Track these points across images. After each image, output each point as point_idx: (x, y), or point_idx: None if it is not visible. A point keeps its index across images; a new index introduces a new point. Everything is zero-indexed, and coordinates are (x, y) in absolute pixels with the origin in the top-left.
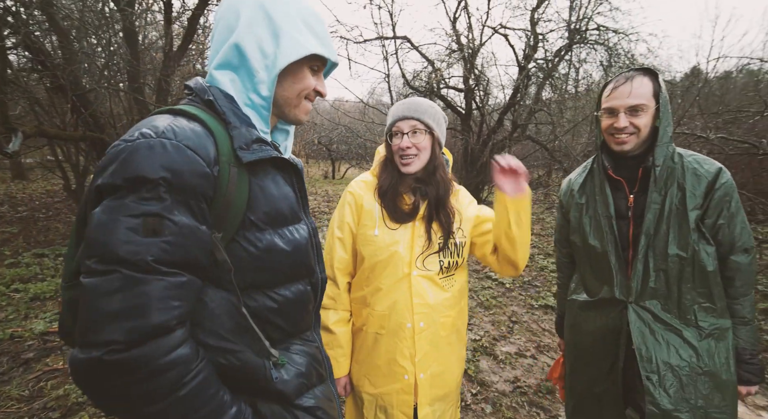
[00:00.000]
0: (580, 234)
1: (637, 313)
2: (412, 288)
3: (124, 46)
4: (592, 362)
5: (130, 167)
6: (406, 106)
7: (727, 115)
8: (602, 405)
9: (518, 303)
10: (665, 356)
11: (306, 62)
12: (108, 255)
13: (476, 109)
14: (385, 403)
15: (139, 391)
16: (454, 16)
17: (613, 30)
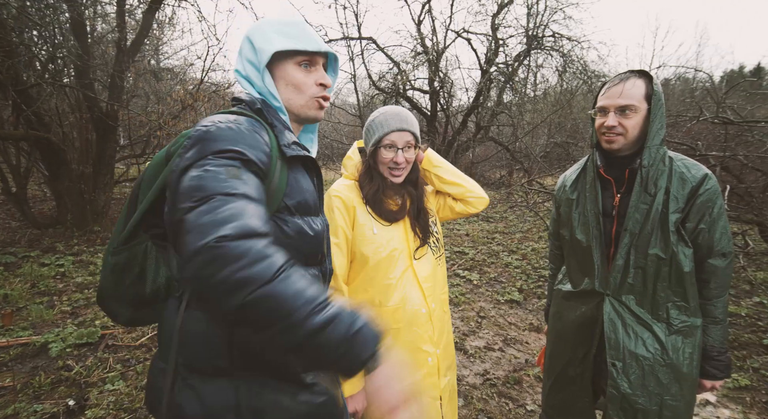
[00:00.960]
0: (568, 228)
1: (612, 305)
2: (417, 275)
3: (71, 39)
4: (570, 347)
5: (213, 144)
6: (400, 118)
7: (667, 119)
8: (575, 386)
9: (485, 299)
10: (632, 346)
11: (288, 63)
12: (204, 192)
13: (441, 110)
14: (414, 392)
15: (252, 273)
16: (418, 19)
17: (567, 37)
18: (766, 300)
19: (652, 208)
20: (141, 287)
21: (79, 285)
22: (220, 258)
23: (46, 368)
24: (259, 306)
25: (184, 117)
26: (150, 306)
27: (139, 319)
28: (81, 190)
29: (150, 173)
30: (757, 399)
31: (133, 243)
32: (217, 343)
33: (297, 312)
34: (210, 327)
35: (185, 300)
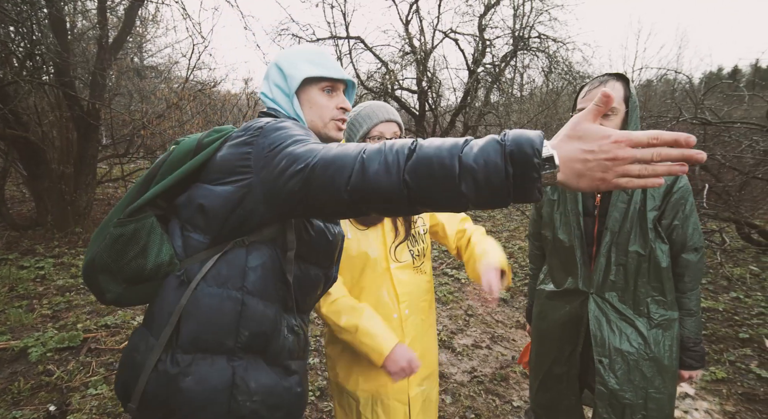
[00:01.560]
0: (550, 229)
1: (596, 303)
2: (393, 279)
3: (50, 36)
4: (555, 346)
5: (288, 131)
6: (386, 109)
7: (649, 119)
8: (562, 384)
9: (473, 297)
10: (617, 343)
11: (313, 88)
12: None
13: (429, 110)
14: (382, 396)
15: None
16: (406, 19)
17: (552, 38)
18: (742, 295)
19: (630, 206)
20: (142, 261)
21: (60, 288)
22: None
23: (25, 373)
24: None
25: (168, 116)
26: (144, 284)
27: (127, 298)
28: (62, 190)
29: (177, 157)
30: (733, 391)
31: (139, 218)
32: (227, 321)
33: (449, 158)
34: (224, 303)
35: (199, 276)
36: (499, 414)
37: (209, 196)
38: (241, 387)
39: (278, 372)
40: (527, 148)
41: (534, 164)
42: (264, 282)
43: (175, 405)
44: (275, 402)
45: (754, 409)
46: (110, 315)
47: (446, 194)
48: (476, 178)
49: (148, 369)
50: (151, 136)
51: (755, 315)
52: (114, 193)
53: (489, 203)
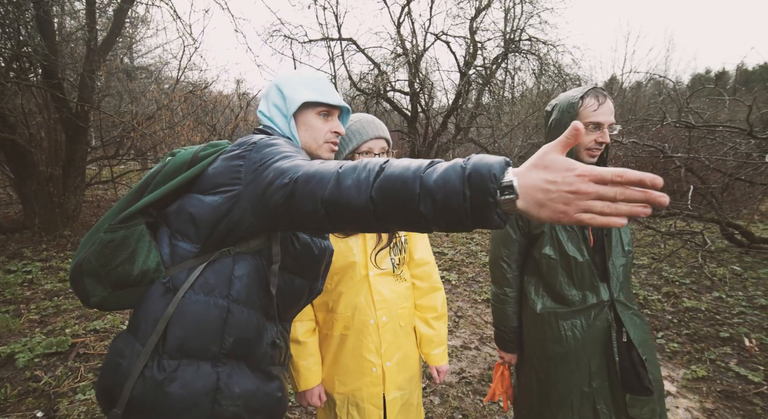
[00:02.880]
0: (555, 247)
1: (621, 308)
2: (371, 287)
3: (38, 38)
4: (581, 364)
5: (277, 148)
6: (376, 126)
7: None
8: (592, 400)
9: (463, 298)
10: (641, 336)
11: (310, 111)
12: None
13: (422, 112)
14: (357, 399)
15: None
16: (398, 21)
17: (542, 41)
18: (724, 295)
19: None
20: (129, 267)
21: (48, 293)
22: (344, 173)
23: (12, 379)
24: (384, 189)
25: (159, 117)
26: (129, 289)
27: (112, 302)
28: (50, 192)
29: (172, 168)
30: (713, 389)
31: (130, 224)
32: (213, 328)
33: (412, 178)
34: (210, 311)
35: (187, 284)
36: (486, 414)
37: (199, 206)
38: (224, 391)
39: (260, 378)
40: (485, 173)
41: (490, 189)
42: (248, 291)
43: (161, 409)
44: (256, 406)
45: (732, 406)
46: (99, 319)
47: (407, 213)
48: (435, 199)
49: (134, 375)
50: (141, 138)
51: (736, 315)
52: (104, 194)
53: (448, 225)
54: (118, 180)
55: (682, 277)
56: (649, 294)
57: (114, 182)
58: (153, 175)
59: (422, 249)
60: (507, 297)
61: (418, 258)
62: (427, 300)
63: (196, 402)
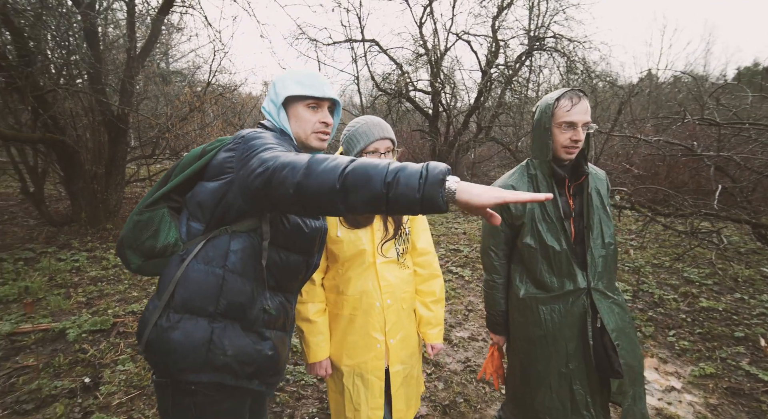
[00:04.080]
0: (535, 237)
1: (596, 297)
2: (378, 273)
3: (84, 47)
4: (560, 347)
5: (262, 140)
6: (381, 127)
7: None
8: (569, 381)
9: (475, 293)
10: (616, 323)
11: (300, 104)
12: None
13: (443, 111)
14: (362, 370)
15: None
16: (420, 22)
17: (568, 38)
18: (747, 296)
19: (598, 203)
20: (153, 242)
21: (93, 279)
22: (316, 161)
23: (64, 351)
24: (353, 176)
25: (191, 119)
26: (156, 259)
27: (145, 269)
28: (94, 189)
29: (185, 162)
30: (719, 386)
31: (154, 208)
32: (210, 291)
33: (380, 168)
34: (208, 277)
35: (191, 255)
36: (488, 401)
37: (204, 192)
38: (216, 343)
39: (252, 337)
40: (439, 168)
41: (441, 175)
42: (243, 264)
43: (166, 350)
44: (245, 359)
45: (737, 402)
46: (136, 303)
47: (371, 192)
48: (399, 179)
49: (151, 323)
50: (175, 138)
51: (756, 316)
52: (141, 191)
53: (399, 200)
54: (154, 177)
55: (704, 278)
56: (665, 294)
57: (150, 180)
58: (173, 168)
59: (424, 240)
60: (495, 283)
61: (420, 248)
62: (427, 285)
63: (193, 348)
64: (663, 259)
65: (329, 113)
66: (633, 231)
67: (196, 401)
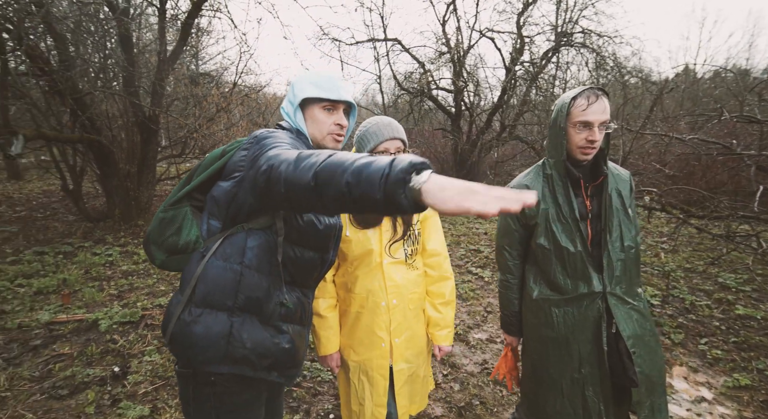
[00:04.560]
0: (549, 238)
1: (615, 300)
2: (384, 274)
3: (119, 51)
4: (574, 350)
5: (273, 139)
6: (392, 128)
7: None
8: (582, 387)
9: (494, 295)
10: (634, 330)
11: (316, 106)
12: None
13: (466, 109)
14: (367, 367)
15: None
16: (443, 19)
17: (597, 34)
18: None
19: (618, 205)
20: (176, 238)
21: (125, 273)
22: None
23: (96, 340)
24: (323, 173)
25: (218, 119)
26: (179, 255)
27: (169, 264)
28: (127, 187)
29: (207, 162)
30: (755, 398)
31: (178, 206)
32: (228, 286)
33: (346, 165)
34: (226, 273)
35: (210, 252)
36: (505, 404)
37: (220, 191)
38: (235, 336)
39: (269, 331)
40: (407, 162)
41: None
42: (259, 260)
43: (189, 343)
44: (263, 352)
45: None
46: (163, 296)
47: (337, 186)
48: (360, 177)
49: (175, 317)
50: (203, 138)
51: None
52: (170, 189)
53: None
54: (182, 176)
55: (741, 284)
56: (697, 300)
57: (179, 178)
58: (196, 168)
59: (435, 241)
60: (509, 283)
61: (430, 249)
62: (436, 287)
63: (213, 341)
64: (696, 264)
65: (345, 115)
66: (664, 234)
67: (216, 391)
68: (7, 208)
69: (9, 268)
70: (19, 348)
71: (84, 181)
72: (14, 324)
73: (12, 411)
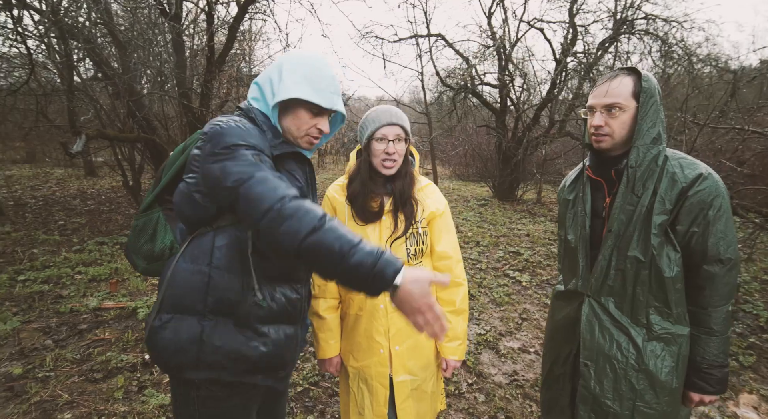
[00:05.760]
0: (563, 229)
1: (591, 306)
2: None
3: (173, 55)
4: (557, 346)
5: (229, 137)
6: (391, 113)
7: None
8: (559, 384)
9: (532, 301)
10: (606, 348)
11: (302, 106)
12: (248, 171)
13: (512, 105)
14: (366, 375)
15: (304, 223)
16: (489, 12)
17: (663, 19)
18: None
19: (636, 209)
20: (152, 245)
21: None
22: (279, 217)
23: (133, 328)
24: (314, 248)
25: None
26: (158, 262)
27: (150, 271)
28: None
29: (170, 160)
30: None
31: (149, 212)
32: (197, 289)
33: (340, 254)
34: (194, 276)
35: (177, 256)
36: None
37: (177, 192)
38: (206, 342)
39: (247, 334)
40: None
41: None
42: (229, 259)
43: (159, 348)
44: (238, 357)
45: None
46: None
47: (324, 270)
48: (348, 268)
49: (149, 324)
50: None
51: None
52: None
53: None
54: None
55: None
56: None
57: None
58: (162, 168)
59: (445, 243)
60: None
61: (440, 251)
62: (447, 294)
63: (183, 347)
64: None
65: (327, 120)
66: (739, 241)
67: (199, 395)
68: (80, 202)
69: (73, 256)
70: (67, 331)
71: (143, 177)
72: (67, 309)
73: (52, 390)
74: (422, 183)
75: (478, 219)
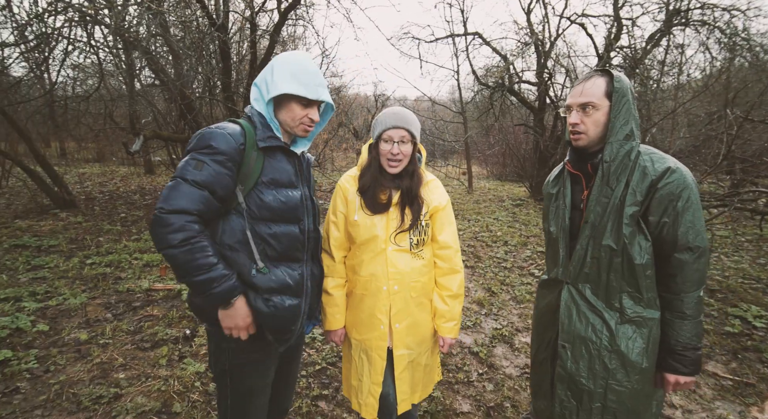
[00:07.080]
0: (546, 221)
1: (569, 292)
2: (387, 260)
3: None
4: (540, 332)
5: (201, 141)
6: (397, 117)
7: None
8: (543, 368)
9: None
10: (582, 331)
11: (293, 99)
12: (176, 173)
13: (551, 103)
14: (366, 347)
15: (166, 238)
16: (528, 8)
17: (722, 8)
18: None
19: (610, 201)
20: None
21: None
22: (156, 221)
23: (178, 307)
24: (168, 259)
25: None
26: None
27: None
28: None
29: None
30: None
31: None
32: None
33: (185, 272)
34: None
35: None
36: None
37: None
38: None
39: (262, 298)
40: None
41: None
42: (231, 239)
43: (198, 309)
44: (255, 315)
45: None
46: None
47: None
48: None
49: None
50: None
51: None
52: None
53: None
54: None
55: None
56: None
57: None
58: None
59: (446, 233)
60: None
61: (441, 241)
62: (445, 280)
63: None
64: None
65: (317, 110)
66: None
67: (231, 346)
68: (139, 197)
69: (131, 244)
70: (123, 307)
71: None
72: (124, 288)
73: (110, 355)
74: (427, 178)
75: (510, 220)
